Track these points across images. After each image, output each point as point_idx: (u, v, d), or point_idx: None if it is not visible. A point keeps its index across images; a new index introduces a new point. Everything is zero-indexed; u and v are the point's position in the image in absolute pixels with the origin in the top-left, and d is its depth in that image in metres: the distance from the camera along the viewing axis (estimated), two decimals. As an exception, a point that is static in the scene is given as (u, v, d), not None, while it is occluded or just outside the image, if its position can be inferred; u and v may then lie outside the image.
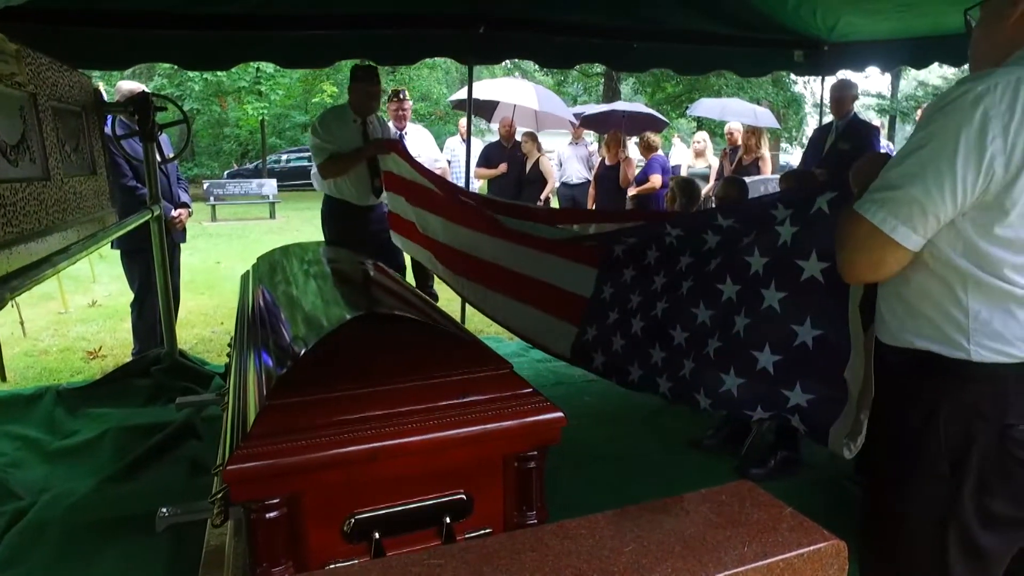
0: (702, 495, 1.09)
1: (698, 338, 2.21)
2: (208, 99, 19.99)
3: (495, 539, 0.99)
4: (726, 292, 2.14)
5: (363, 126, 3.88)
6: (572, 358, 2.72)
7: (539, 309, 2.84)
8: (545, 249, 2.79)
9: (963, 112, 1.07)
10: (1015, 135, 1.04)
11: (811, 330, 1.88)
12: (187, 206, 4.20)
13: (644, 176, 6.45)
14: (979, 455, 1.15)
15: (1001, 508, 1.15)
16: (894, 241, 1.15)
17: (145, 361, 3.77)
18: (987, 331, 1.12)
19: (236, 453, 1.33)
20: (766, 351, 1.97)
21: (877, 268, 1.22)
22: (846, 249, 1.25)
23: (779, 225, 1.99)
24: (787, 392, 1.91)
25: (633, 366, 2.43)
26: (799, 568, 0.94)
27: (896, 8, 4.14)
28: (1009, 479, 1.14)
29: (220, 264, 8.43)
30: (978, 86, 1.07)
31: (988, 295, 1.11)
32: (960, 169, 1.07)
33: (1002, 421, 1.12)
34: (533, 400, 1.45)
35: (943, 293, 1.16)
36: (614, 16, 4.56)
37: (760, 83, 18.24)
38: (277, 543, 1.40)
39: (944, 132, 1.09)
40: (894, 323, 1.27)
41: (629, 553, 0.93)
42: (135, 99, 3.15)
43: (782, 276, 1.97)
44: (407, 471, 1.42)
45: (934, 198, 1.10)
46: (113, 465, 2.77)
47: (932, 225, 1.13)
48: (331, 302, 1.84)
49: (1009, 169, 1.05)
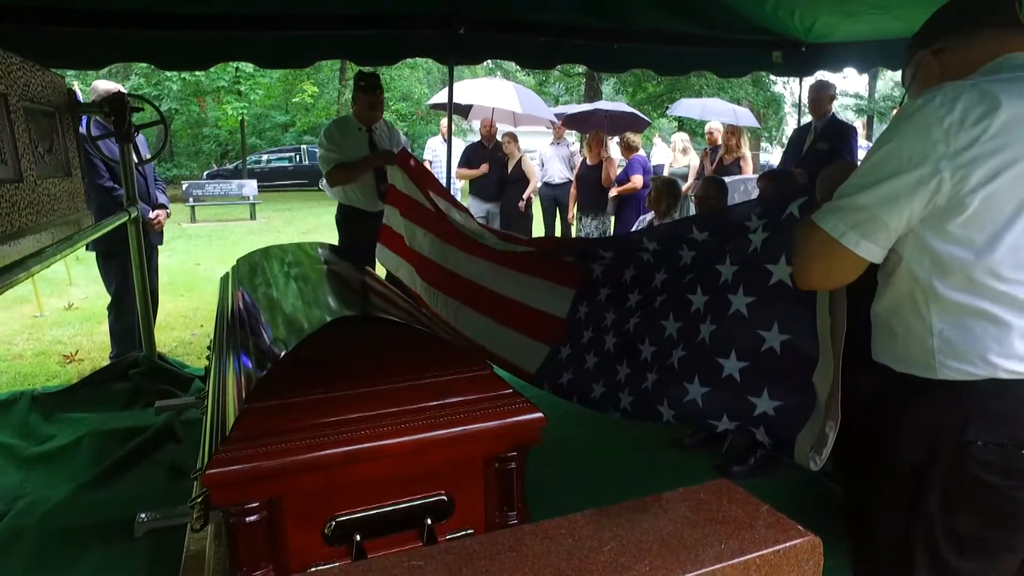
0: (681, 493, 1.10)
1: (664, 351, 2.19)
2: (186, 99, 19.77)
3: (475, 540, 0.99)
4: (695, 303, 2.12)
5: (369, 134, 3.95)
6: (535, 377, 2.69)
7: (513, 329, 2.84)
8: (527, 271, 2.80)
9: (908, 123, 1.11)
10: (956, 136, 1.06)
11: (779, 335, 1.86)
12: (165, 207, 4.15)
13: (625, 176, 6.48)
14: (941, 472, 1.15)
15: (966, 527, 1.15)
16: (844, 247, 1.16)
17: (123, 364, 3.72)
18: (950, 350, 1.13)
19: (215, 457, 1.32)
20: (732, 358, 1.95)
21: (828, 275, 1.25)
22: (800, 257, 1.28)
23: (752, 233, 1.98)
24: (754, 399, 1.89)
25: (598, 383, 2.41)
26: (775, 564, 0.95)
27: (871, 10, 4.20)
28: (970, 497, 1.14)
29: (200, 266, 8.34)
30: (919, 99, 1.12)
31: (949, 310, 1.12)
32: (905, 176, 1.10)
33: (962, 438, 1.12)
34: (513, 401, 1.46)
35: (910, 310, 1.18)
36: (594, 17, 4.58)
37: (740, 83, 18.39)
38: (257, 547, 1.39)
39: (891, 142, 1.13)
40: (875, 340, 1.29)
41: (608, 552, 0.94)
42: (110, 99, 3.11)
43: (751, 281, 1.96)
44: (388, 473, 1.42)
45: (880, 205, 1.12)
46: (90, 470, 2.73)
47: (882, 233, 1.14)
48: (311, 304, 1.83)
49: (956, 170, 1.07)
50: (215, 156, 23.81)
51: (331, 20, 4.19)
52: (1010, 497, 1.12)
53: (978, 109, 1.06)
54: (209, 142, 23.40)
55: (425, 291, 3.32)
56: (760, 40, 5.18)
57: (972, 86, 1.09)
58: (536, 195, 7.26)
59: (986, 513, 1.14)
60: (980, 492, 1.13)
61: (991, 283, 1.09)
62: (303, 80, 19.44)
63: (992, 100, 1.05)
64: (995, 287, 1.08)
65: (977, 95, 1.07)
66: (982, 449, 1.11)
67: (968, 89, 1.08)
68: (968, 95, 1.07)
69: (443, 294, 3.19)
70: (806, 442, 1.78)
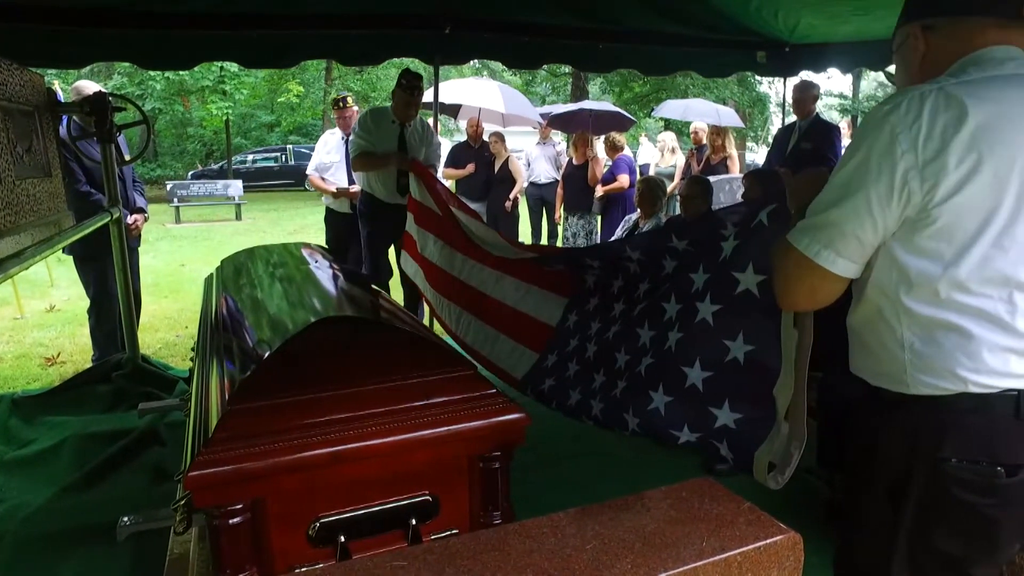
0: (663, 492, 1.11)
1: (636, 359, 2.16)
2: (170, 98, 19.59)
3: (458, 540, 0.99)
4: (668, 311, 2.10)
5: (400, 129, 4.09)
6: (520, 383, 2.70)
7: (508, 336, 2.87)
8: (527, 279, 2.83)
9: (873, 132, 1.08)
10: (924, 147, 1.04)
11: (743, 346, 1.82)
12: (143, 211, 4.09)
13: (612, 176, 6.50)
14: (918, 489, 1.14)
15: (944, 544, 1.14)
16: (821, 267, 1.14)
17: (106, 367, 3.68)
18: (921, 364, 1.11)
19: (198, 459, 1.32)
20: (696, 367, 1.92)
21: (811, 296, 1.22)
22: (779, 277, 1.25)
23: (724, 241, 1.95)
24: (715, 410, 1.86)
25: (575, 390, 2.40)
26: (756, 561, 0.96)
27: (853, 11, 4.24)
28: (947, 515, 1.13)
29: (184, 267, 8.27)
30: (886, 106, 1.09)
31: (919, 324, 1.11)
32: (875, 189, 1.07)
33: (938, 455, 1.11)
34: (497, 401, 1.46)
35: (882, 325, 1.16)
36: (580, 17, 4.59)
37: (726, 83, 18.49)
38: (241, 549, 1.38)
39: (858, 154, 1.10)
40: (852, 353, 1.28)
41: (590, 551, 0.95)
42: (91, 99, 3.07)
43: (718, 289, 1.92)
44: (372, 474, 1.42)
45: (853, 221, 1.10)
46: (72, 474, 2.70)
47: (856, 248, 1.12)
48: (294, 305, 1.83)
49: (924, 183, 1.04)
50: (200, 156, 23.62)
51: (315, 20, 4.16)
52: (987, 515, 1.10)
53: (944, 117, 1.03)
54: (194, 142, 23.22)
55: (434, 297, 3.37)
56: (744, 40, 5.21)
57: (939, 91, 1.06)
58: (523, 195, 7.27)
59: (964, 530, 1.13)
60: (957, 510, 1.11)
61: (957, 296, 1.07)
62: (288, 80, 19.33)
63: (959, 107, 1.03)
64: (962, 300, 1.07)
65: (943, 101, 1.04)
66: (958, 466, 1.10)
67: (934, 94, 1.05)
68: (933, 101, 1.05)
69: (447, 300, 3.22)
70: (763, 459, 1.74)
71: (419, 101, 4.14)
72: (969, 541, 1.13)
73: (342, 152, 4.93)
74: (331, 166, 4.98)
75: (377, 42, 4.42)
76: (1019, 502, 1.10)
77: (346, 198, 4.78)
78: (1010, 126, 1.03)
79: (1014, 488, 1.08)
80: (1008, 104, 1.04)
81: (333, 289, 2.10)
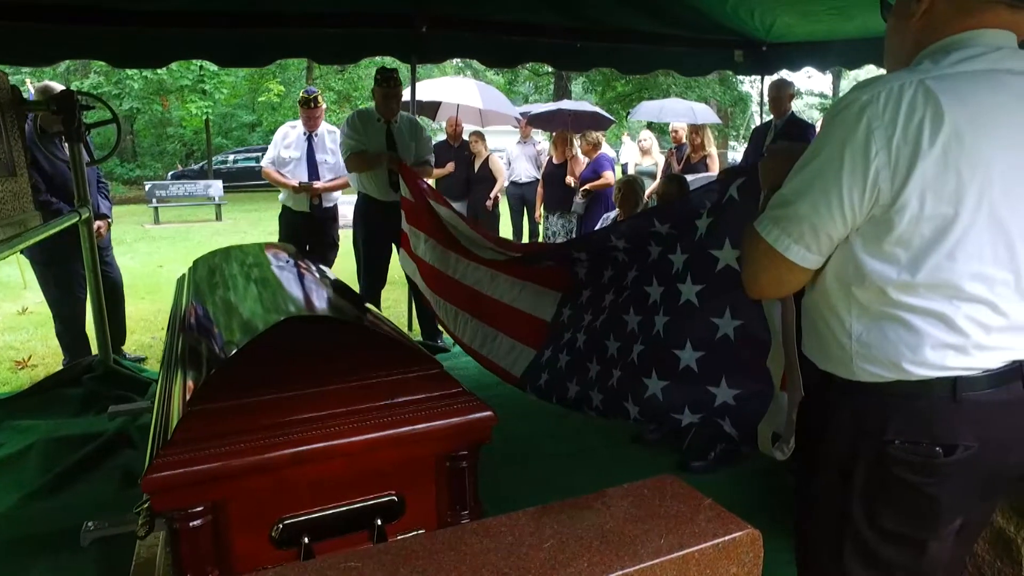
0: (625, 489, 1.10)
1: (627, 346, 2.17)
2: (149, 98, 19.37)
3: (414, 539, 0.98)
4: (652, 295, 2.10)
5: (387, 126, 4.14)
6: (520, 381, 2.70)
7: (504, 333, 2.87)
8: (521, 276, 2.83)
9: (848, 124, 1.05)
10: (898, 148, 1.02)
11: (732, 321, 1.83)
12: (106, 217, 4.00)
13: (595, 173, 6.48)
14: (864, 470, 1.16)
15: (890, 523, 1.16)
16: (789, 260, 1.14)
17: (77, 369, 3.62)
18: (866, 354, 1.12)
19: (155, 461, 1.29)
20: (688, 348, 1.92)
21: (779, 286, 1.22)
22: (748, 267, 1.25)
23: (698, 219, 1.95)
24: (713, 389, 1.87)
25: (572, 382, 2.40)
26: (714, 558, 0.96)
27: (827, 11, 4.27)
28: (889, 495, 1.15)
29: (162, 268, 8.17)
30: (863, 96, 1.05)
31: (868, 315, 1.12)
32: (846, 185, 1.06)
33: (882, 437, 1.13)
34: (463, 399, 1.45)
35: (831, 313, 1.17)
36: (558, 16, 4.58)
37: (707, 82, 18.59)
38: (202, 552, 1.36)
39: (830, 146, 1.07)
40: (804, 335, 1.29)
41: (547, 549, 0.93)
42: (58, 97, 3.02)
43: (698, 268, 1.93)
44: (336, 474, 1.40)
45: (822, 216, 1.09)
46: (39, 479, 2.64)
47: (825, 243, 1.12)
48: (260, 305, 1.80)
49: (894, 183, 1.03)
50: (180, 156, 23.36)
51: (290, 18, 4.12)
52: (928, 494, 1.12)
53: (920, 116, 1.01)
54: (173, 142, 22.96)
55: (431, 296, 3.35)
56: (722, 40, 5.24)
57: (919, 84, 1.02)
58: (503, 194, 7.25)
59: (906, 509, 1.15)
60: (900, 489, 1.14)
61: (905, 298, 1.08)
62: (269, 79, 19.16)
63: (935, 107, 1.01)
64: (909, 301, 1.08)
65: (922, 98, 1.02)
66: (900, 448, 1.12)
67: (913, 88, 1.02)
68: (912, 97, 1.02)
69: (443, 300, 3.21)
70: (767, 431, 1.75)
71: (398, 94, 4.17)
72: (912, 519, 1.16)
73: (303, 149, 4.70)
74: (291, 162, 4.70)
75: (353, 41, 4.38)
76: (956, 480, 1.13)
77: (306, 195, 4.61)
78: (980, 132, 1.02)
79: (951, 467, 1.11)
80: (981, 108, 1.02)
81: (301, 289, 2.07)
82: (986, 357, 1.09)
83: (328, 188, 4.66)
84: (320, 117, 4.77)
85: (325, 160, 4.66)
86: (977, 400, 1.09)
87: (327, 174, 4.66)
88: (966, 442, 1.10)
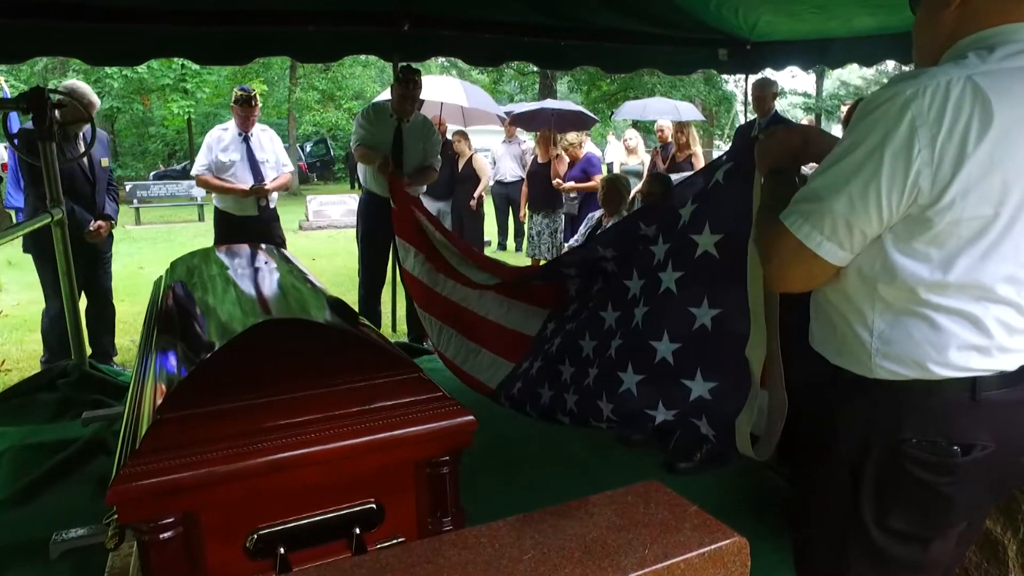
0: (608, 496, 1.07)
1: (604, 343, 2.11)
2: (129, 97, 19.11)
3: (390, 552, 0.94)
4: (631, 288, 2.05)
5: (398, 123, 4.19)
6: (495, 391, 2.67)
7: (486, 348, 2.86)
8: (508, 295, 2.82)
9: (890, 120, 1.00)
10: (942, 147, 0.98)
11: (709, 310, 1.77)
12: (110, 218, 3.94)
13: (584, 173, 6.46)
14: (875, 468, 1.14)
15: (900, 522, 1.15)
16: (820, 257, 1.10)
17: (51, 374, 3.53)
18: (888, 351, 1.10)
19: (122, 471, 1.25)
20: (664, 340, 1.86)
21: (809, 281, 1.17)
22: (774, 263, 1.18)
23: (682, 208, 1.90)
24: (688, 382, 1.81)
25: (543, 387, 2.36)
26: (700, 567, 0.93)
27: (810, 9, 4.28)
28: (901, 493, 1.13)
29: (143, 269, 8.05)
30: (907, 90, 1.00)
31: (892, 312, 1.09)
32: (885, 183, 1.01)
33: (897, 435, 1.10)
34: (443, 404, 1.41)
35: (851, 308, 1.13)
36: (542, 15, 4.55)
37: (692, 81, 18.64)
38: (173, 565, 1.31)
39: (870, 141, 1.02)
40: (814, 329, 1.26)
41: (528, 561, 0.90)
42: (28, 95, 2.94)
43: (678, 255, 1.87)
44: (312, 482, 1.36)
45: (859, 213, 1.04)
46: (9, 487, 2.56)
47: (858, 240, 1.08)
48: (234, 308, 1.75)
49: (936, 183, 0.99)
50: (162, 156, 23.10)
51: (271, 15, 4.06)
52: (943, 493, 1.11)
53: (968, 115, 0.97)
54: (155, 142, 22.68)
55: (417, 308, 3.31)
56: (706, 38, 5.23)
57: (967, 80, 0.98)
58: (488, 193, 7.22)
59: (919, 508, 1.13)
60: (914, 488, 1.12)
61: (934, 297, 1.05)
62: (252, 78, 18.94)
63: (984, 106, 0.96)
64: (937, 301, 1.05)
65: (970, 95, 0.97)
66: (916, 446, 1.10)
67: (961, 85, 0.98)
68: (959, 94, 0.97)
69: (428, 314, 3.18)
70: (744, 427, 1.70)
71: (415, 96, 4.23)
72: (923, 518, 1.14)
73: (243, 151, 4.49)
74: (231, 166, 4.47)
75: (335, 39, 4.34)
76: (971, 480, 1.12)
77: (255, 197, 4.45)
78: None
79: (968, 466, 1.10)
80: None
81: (280, 292, 2.03)
82: (1006, 359, 1.08)
83: (277, 187, 4.61)
84: (255, 117, 4.59)
85: (266, 160, 4.54)
86: (995, 400, 1.08)
87: (270, 173, 4.55)
88: (983, 441, 1.09)
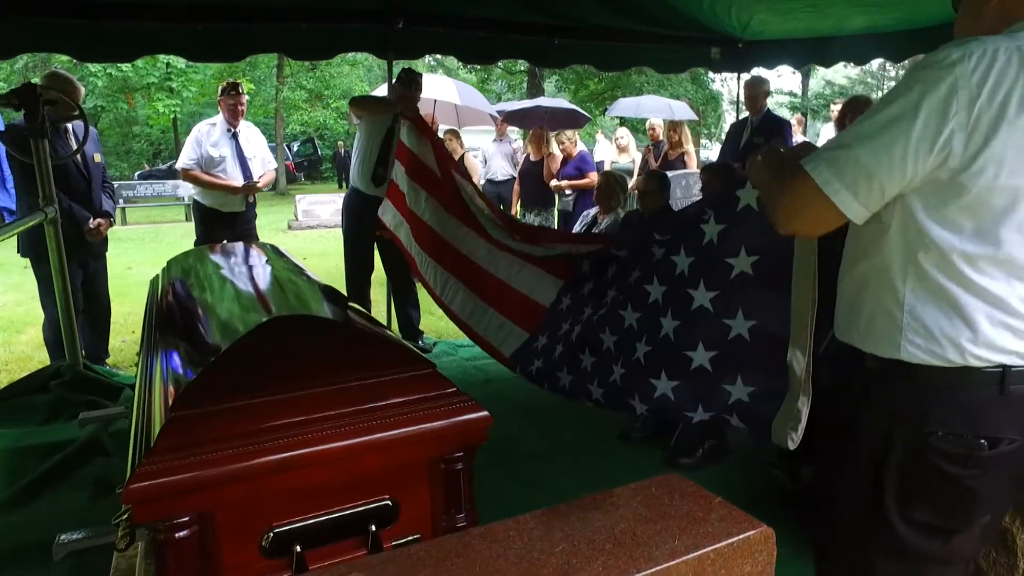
0: (632, 489, 1.07)
1: (626, 342, 2.18)
2: (114, 95, 18.92)
3: (420, 547, 0.94)
4: (652, 294, 2.12)
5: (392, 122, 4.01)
6: (511, 361, 2.70)
7: (498, 311, 2.85)
8: (523, 258, 2.82)
9: (932, 79, 1.00)
10: (980, 111, 0.98)
11: (745, 322, 1.86)
12: (109, 215, 3.91)
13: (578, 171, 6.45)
14: (898, 459, 1.14)
15: (923, 515, 1.15)
16: (835, 205, 1.08)
17: (44, 375, 3.49)
18: (919, 328, 1.09)
19: (138, 470, 1.23)
20: (700, 349, 1.94)
21: (813, 226, 1.18)
22: (783, 201, 1.18)
23: (704, 224, 1.97)
24: (728, 387, 1.89)
25: (563, 371, 2.41)
26: (729, 557, 0.93)
27: (803, 8, 4.31)
28: (926, 486, 1.13)
29: (131, 270, 7.97)
30: (954, 53, 1.00)
31: (927, 289, 1.08)
32: (915, 139, 1.01)
33: (923, 428, 1.10)
34: (457, 400, 1.41)
35: (884, 283, 1.13)
36: (535, 12, 4.56)
37: (679, 80, 18.73)
38: (189, 565, 1.30)
39: (908, 97, 1.02)
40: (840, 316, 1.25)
41: (559, 553, 0.90)
42: (19, 91, 2.90)
43: (711, 276, 1.95)
44: (327, 480, 1.35)
45: (882, 164, 1.03)
46: (5, 491, 2.53)
47: (876, 194, 1.06)
48: (241, 306, 1.74)
49: (969, 146, 0.99)
50: (147, 156, 22.89)
51: (263, 12, 4.03)
52: (969, 486, 1.11)
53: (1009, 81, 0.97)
54: (140, 141, 22.48)
55: (418, 254, 3.26)
56: (698, 37, 5.26)
57: (1016, 51, 0.98)
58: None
59: (944, 501, 1.13)
60: (940, 481, 1.12)
61: (966, 269, 1.05)
62: (239, 77, 18.83)
63: None
64: (968, 274, 1.05)
65: (1017, 63, 0.97)
66: (943, 439, 1.10)
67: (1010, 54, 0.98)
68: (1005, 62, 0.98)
69: (435, 262, 3.15)
70: (782, 421, 1.77)
71: (417, 97, 4.19)
72: (948, 511, 1.14)
73: (232, 147, 4.40)
74: (221, 161, 4.36)
75: (328, 36, 4.32)
76: (997, 473, 1.12)
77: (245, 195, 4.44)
78: None
79: (995, 460, 1.10)
80: None
81: (282, 288, 2.01)
82: None
83: (267, 183, 4.63)
84: (244, 105, 4.50)
85: (253, 156, 4.52)
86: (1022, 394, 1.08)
87: (257, 169, 4.53)
88: (1011, 435, 1.09)
